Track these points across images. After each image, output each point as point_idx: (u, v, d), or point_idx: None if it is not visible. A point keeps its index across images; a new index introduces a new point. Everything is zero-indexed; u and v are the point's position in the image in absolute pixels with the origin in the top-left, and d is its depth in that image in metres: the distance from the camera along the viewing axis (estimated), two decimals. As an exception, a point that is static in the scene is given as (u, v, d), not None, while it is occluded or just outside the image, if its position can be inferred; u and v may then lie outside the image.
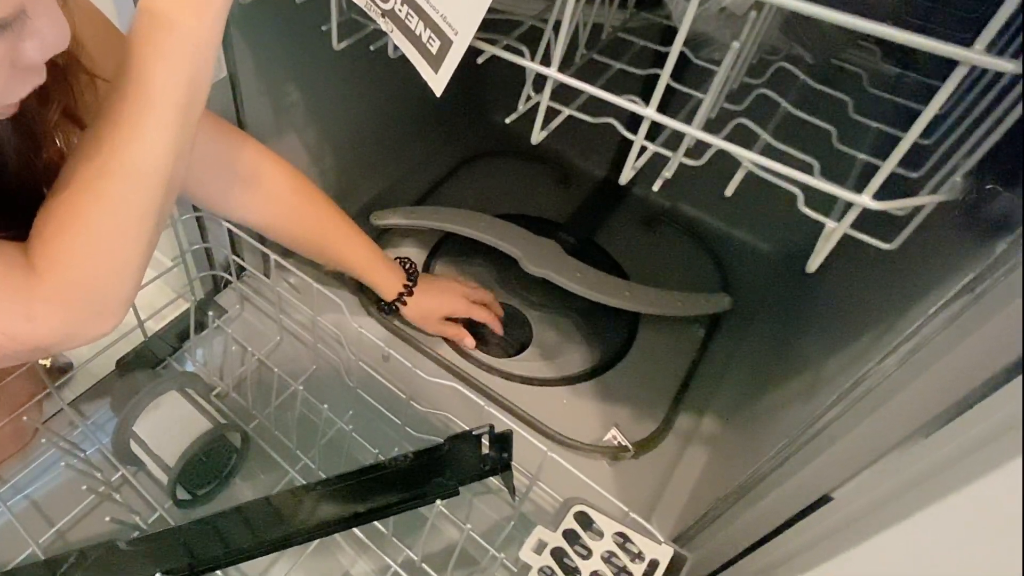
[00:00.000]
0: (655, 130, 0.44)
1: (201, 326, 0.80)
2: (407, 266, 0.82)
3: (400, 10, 0.45)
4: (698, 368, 0.84)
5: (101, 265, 0.43)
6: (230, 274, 0.80)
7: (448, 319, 0.82)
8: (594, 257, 0.96)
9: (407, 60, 0.48)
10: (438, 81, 0.46)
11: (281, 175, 0.68)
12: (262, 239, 0.85)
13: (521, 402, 0.77)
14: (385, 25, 0.47)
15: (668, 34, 0.53)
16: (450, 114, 1.15)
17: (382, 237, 0.95)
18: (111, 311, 0.45)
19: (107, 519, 0.57)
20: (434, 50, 0.45)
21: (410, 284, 0.79)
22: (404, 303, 0.79)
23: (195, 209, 0.76)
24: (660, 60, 0.44)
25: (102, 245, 0.43)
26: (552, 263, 0.86)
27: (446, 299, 0.81)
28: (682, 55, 0.39)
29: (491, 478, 0.59)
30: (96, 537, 0.62)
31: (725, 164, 0.44)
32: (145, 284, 0.70)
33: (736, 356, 0.86)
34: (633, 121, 0.45)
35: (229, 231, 0.75)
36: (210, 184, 0.64)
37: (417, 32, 0.45)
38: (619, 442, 0.74)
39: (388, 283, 0.78)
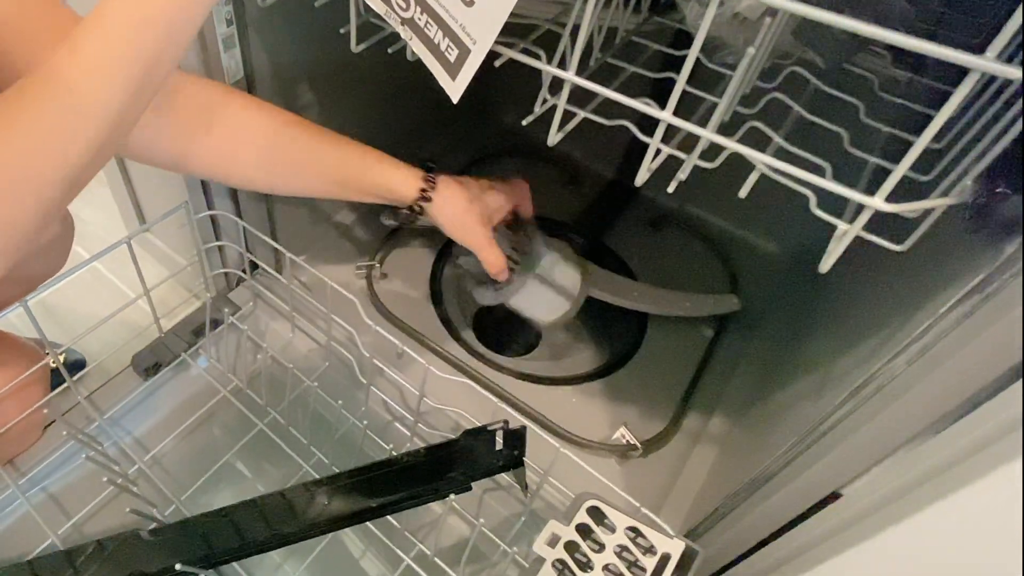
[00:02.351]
0: (669, 132, 0.45)
1: (215, 323, 0.81)
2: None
3: (419, 19, 0.46)
4: (706, 368, 0.85)
5: None
6: (244, 271, 0.81)
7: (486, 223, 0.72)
8: (603, 258, 0.97)
9: (420, 62, 0.49)
10: (455, 88, 0.47)
11: (258, 109, 0.63)
12: (275, 236, 0.86)
13: (530, 400, 0.78)
14: (404, 33, 0.48)
15: (680, 37, 0.54)
16: (460, 115, 1.15)
17: (391, 237, 0.96)
18: None
19: (127, 510, 0.58)
20: (452, 58, 0.45)
21: (431, 176, 0.67)
22: (428, 199, 0.67)
23: (209, 208, 0.77)
24: (671, 63, 0.45)
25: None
26: (561, 263, 0.86)
27: (478, 189, 0.70)
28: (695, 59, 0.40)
29: (502, 475, 0.60)
30: (112, 529, 0.63)
31: (734, 165, 0.44)
32: (160, 283, 0.71)
33: (744, 356, 0.86)
34: (645, 123, 0.45)
35: (244, 229, 0.76)
36: (199, 139, 0.59)
37: (436, 40, 0.46)
38: (628, 441, 0.75)
39: (405, 177, 0.66)
